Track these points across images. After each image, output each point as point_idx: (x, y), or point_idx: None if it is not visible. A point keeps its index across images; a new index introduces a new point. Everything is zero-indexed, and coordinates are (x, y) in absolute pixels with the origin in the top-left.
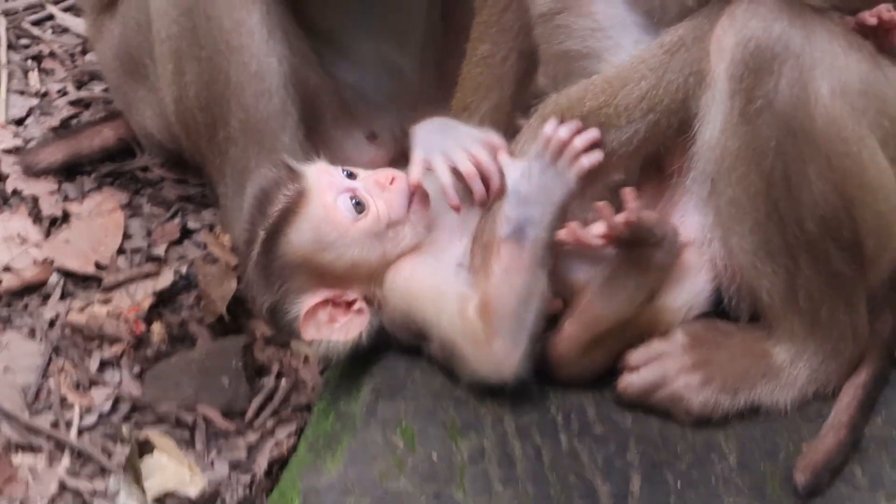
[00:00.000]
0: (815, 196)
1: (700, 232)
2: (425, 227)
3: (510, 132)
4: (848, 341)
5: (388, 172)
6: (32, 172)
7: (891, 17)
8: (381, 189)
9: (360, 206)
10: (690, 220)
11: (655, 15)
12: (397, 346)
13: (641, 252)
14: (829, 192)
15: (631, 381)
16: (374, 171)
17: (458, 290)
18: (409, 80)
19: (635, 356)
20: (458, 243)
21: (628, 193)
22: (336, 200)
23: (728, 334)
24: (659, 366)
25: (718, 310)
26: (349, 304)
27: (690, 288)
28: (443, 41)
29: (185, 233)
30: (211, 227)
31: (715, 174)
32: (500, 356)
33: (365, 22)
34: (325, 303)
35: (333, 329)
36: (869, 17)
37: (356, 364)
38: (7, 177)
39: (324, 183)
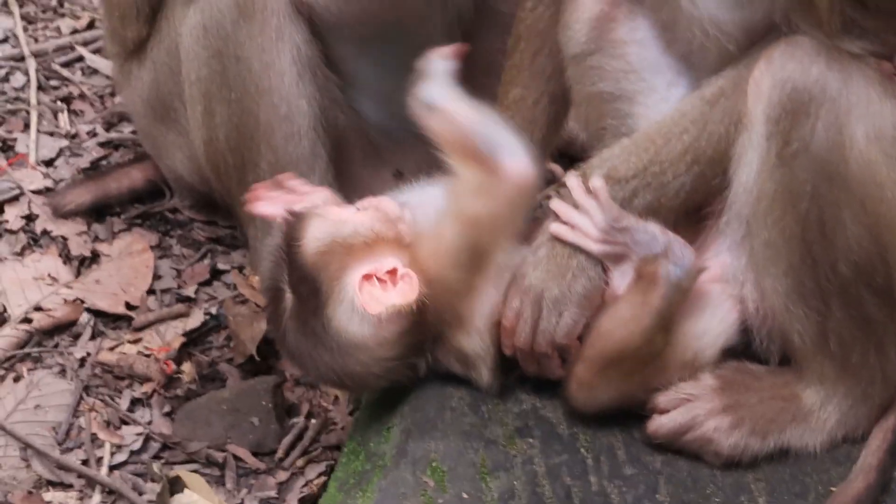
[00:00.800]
0: (849, 240)
1: (730, 271)
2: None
3: (540, 176)
4: (878, 385)
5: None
6: (61, 214)
7: None
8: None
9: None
10: (720, 259)
11: (692, 59)
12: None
13: (645, 266)
14: (864, 237)
15: (661, 423)
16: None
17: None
18: None
19: (665, 398)
20: None
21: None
22: (339, 208)
23: (758, 377)
24: (689, 408)
25: (748, 351)
26: (392, 275)
27: (714, 320)
28: (467, 76)
29: (215, 273)
30: (240, 269)
31: (750, 216)
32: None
33: (389, 60)
34: (368, 276)
35: (391, 294)
36: None
37: (386, 404)
38: (37, 217)
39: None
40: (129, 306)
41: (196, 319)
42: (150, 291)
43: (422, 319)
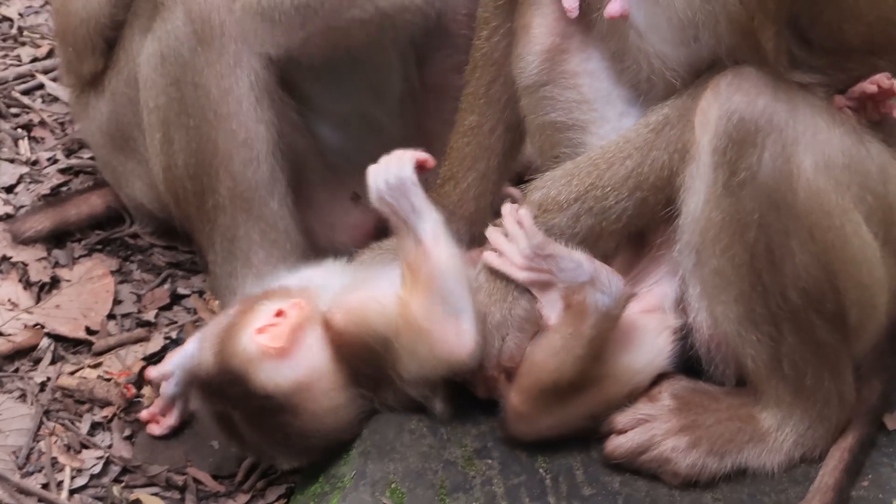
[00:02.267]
0: (797, 268)
1: (668, 299)
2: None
3: (497, 201)
4: (834, 406)
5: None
6: (21, 240)
7: (891, 84)
8: None
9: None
10: (660, 288)
11: (641, 90)
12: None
13: (573, 295)
14: (812, 265)
15: (619, 444)
16: None
17: (394, 298)
18: (390, 139)
19: (622, 419)
20: (386, 274)
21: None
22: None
23: (715, 398)
24: (646, 428)
25: (703, 375)
26: (280, 315)
27: (651, 349)
28: (422, 98)
29: (175, 298)
30: (201, 293)
31: (699, 245)
32: (450, 336)
33: (345, 84)
34: (261, 330)
35: (283, 327)
36: (868, 86)
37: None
38: None
39: None
40: (89, 331)
41: (156, 343)
42: (111, 316)
43: (353, 368)
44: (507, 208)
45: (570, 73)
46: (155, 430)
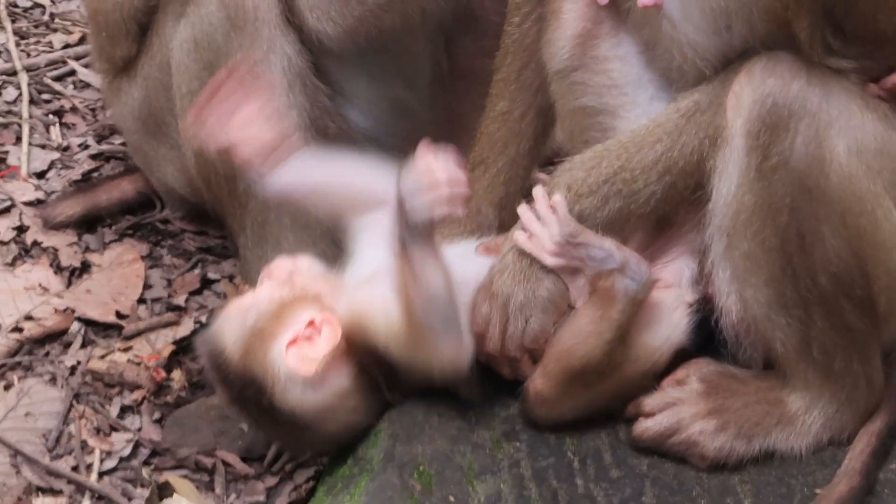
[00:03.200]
0: (828, 253)
1: (685, 276)
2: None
3: (526, 187)
4: (862, 390)
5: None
6: (52, 225)
7: None
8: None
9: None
10: (676, 265)
11: (672, 78)
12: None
13: (600, 280)
14: (843, 250)
15: (647, 427)
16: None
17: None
18: (420, 122)
19: (651, 402)
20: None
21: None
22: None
23: (743, 381)
24: (674, 412)
25: (732, 359)
26: (312, 327)
27: (668, 325)
28: (451, 83)
29: (206, 283)
30: (231, 278)
31: (731, 229)
32: (444, 349)
33: (375, 69)
34: (292, 342)
35: (318, 346)
36: None
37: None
38: (28, 229)
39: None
40: (119, 315)
41: (186, 328)
42: (141, 301)
43: (361, 361)
44: (539, 191)
45: (600, 58)
46: None
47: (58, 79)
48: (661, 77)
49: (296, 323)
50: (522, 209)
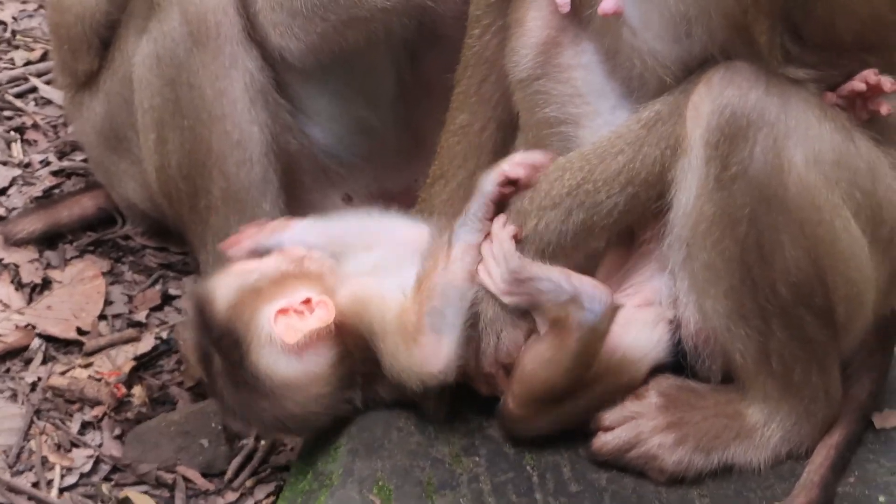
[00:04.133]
0: (787, 262)
1: (661, 294)
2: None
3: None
4: (821, 403)
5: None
6: (13, 241)
7: (877, 80)
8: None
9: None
10: (652, 283)
11: (633, 86)
12: (372, 405)
13: (554, 312)
14: (802, 259)
15: (606, 441)
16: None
17: (399, 298)
18: (382, 140)
19: (609, 416)
20: (404, 272)
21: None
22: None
23: (701, 395)
24: (633, 426)
25: (691, 372)
26: (307, 305)
27: (648, 341)
28: (414, 99)
29: (167, 299)
30: None
31: (690, 239)
32: (428, 350)
33: (338, 86)
34: (283, 310)
35: (307, 321)
36: (857, 83)
37: (333, 424)
38: None
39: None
40: (80, 331)
41: (147, 344)
42: (102, 317)
43: (348, 350)
44: (496, 225)
45: (563, 67)
46: None
47: (19, 95)
48: (623, 86)
49: (293, 295)
50: (484, 248)
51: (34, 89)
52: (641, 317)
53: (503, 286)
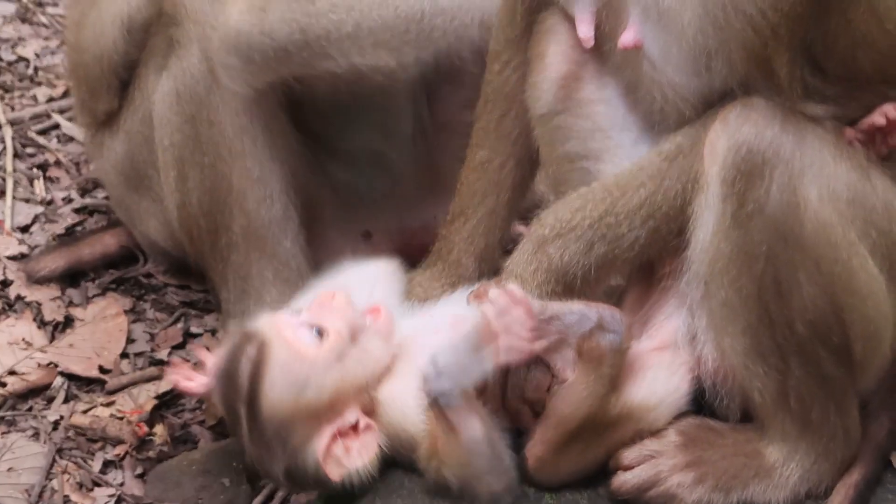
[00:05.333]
0: (804, 300)
1: (681, 334)
2: (388, 334)
3: (506, 238)
4: (840, 442)
5: (325, 293)
6: (35, 279)
7: None
8: (328, 308)
9: (319, 333)
10: (671, 323)
11: (654, 118)
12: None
13: (585, 343)
14: (819, 297)
15: (625, 480)
16: (314, 297)
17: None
18: (401, 176)
19: (629, 455)
20: None
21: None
22: (295, 335)
23: (720, 434)
24: (653, 464)
25: (710, 409)
26: (354, 427)
27: (667, 387)
28: (433, 135)
29: (188, 337)
30: (213, 332)
31: (707, 276)
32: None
33: (354, 121)
34: (333, 438)
35: (352, 457)
36: (877, 118)
37: None
38: (11, 283)
39: (277, 328)
40: (102, 370)
41: (169, 382)
42: (124, 355)
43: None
44: (493, 292)
45: (584, 101)
46: None
47: (42, 132)
48: (644, 119)
49: (343, 416)
50: (485, 309)
51: (56, 126)
52: (659, 361)
53: (529, 334)
